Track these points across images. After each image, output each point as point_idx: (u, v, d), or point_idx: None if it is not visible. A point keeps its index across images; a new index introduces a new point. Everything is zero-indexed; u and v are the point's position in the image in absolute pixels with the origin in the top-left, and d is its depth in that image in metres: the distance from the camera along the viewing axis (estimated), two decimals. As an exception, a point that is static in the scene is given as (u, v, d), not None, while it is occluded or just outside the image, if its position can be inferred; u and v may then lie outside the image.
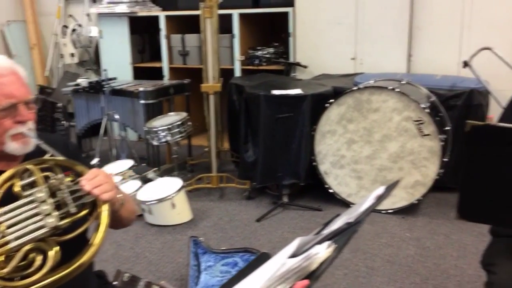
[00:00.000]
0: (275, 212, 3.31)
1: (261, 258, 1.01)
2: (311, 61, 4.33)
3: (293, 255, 0.81)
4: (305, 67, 4.31)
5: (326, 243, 0.81)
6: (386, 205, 3.26)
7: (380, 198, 1.08)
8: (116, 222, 1.32)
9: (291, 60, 4.41)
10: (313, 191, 3.52)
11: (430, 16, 3.88)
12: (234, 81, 4.00)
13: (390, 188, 1.08)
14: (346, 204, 3.35)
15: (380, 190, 1.09)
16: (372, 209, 1.03)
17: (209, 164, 3.71)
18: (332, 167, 3.38)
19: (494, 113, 3.40)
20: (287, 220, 3.20)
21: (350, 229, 0.91)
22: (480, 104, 3.39)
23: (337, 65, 4.24)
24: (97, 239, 1.13)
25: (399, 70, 4.04)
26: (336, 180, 3.39)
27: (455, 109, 3.39)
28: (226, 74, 4.34)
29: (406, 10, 3.91)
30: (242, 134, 3.57)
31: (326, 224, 1.21)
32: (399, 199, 3.23)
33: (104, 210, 1.15)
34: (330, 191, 3.39)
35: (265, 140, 3.39)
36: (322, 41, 4.27)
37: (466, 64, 3.30)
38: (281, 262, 0.79)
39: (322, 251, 0.77)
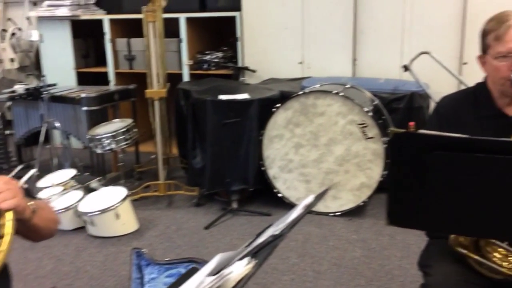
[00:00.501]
0: (224, 218, 3.27)
1: (189, 273, 0.97)
2: (259, 66, 4.33)
3: (213, 272, 0.78)
4: (253, 71, 4.30)
5: (246, 259, 0.78)
6: (333, 207, 3.30)
7: (308, 207, 1.07)
8: (32, 232, 1.23)
9: (240, 64, 4.39)
10: (263, 196, 3.51)
11: (373, 21, 3.96)
12: (181, 86, 3.94)
13: (320, 196, 1.07)
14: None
15: (309, 199, 1.08)
16: (300, 219, 1.01)
17: (157, 171, 3.63)
18: (280, 172, 3.38)
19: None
20: (236, 227, 3.17)
21: (273, 242, 0.88)
22: (421, 107, 3.49)
23: (285, 69, 4.27)
24: (0, 252, 1.05)
25: (345, 74, 4.11)
26: (285, 184, 3.40)
27: (397, 112, 3.48)
28: (174, 79, 4.27)
29: (349, 15, 3.98)
30: (190, 140, 3.52)
31: (258, 234, 1.19)
32: (346, 201, 3.28)
33: (8, 220, 1.07)
34: (279, 195, 3.39)
35: (213, 146, 3.35)
36: (270, 45, 4.28)
37: (406, 68, 3.41)
38: (199, 279, 0.76)
39: (238, 269, 0.74)
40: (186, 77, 4.50)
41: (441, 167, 0.99)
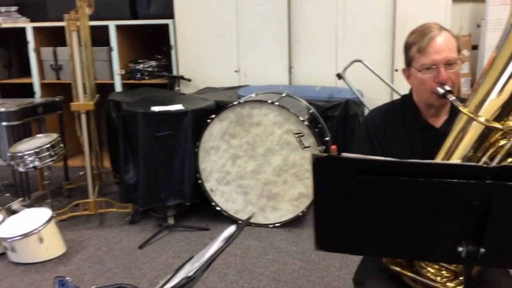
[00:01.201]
0: (160, 235, 3.13)
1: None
2: (195, 74, 4.22)
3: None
4: (189, 80, 4.19)
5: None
6: (272, 219, 3.24)
7: (229, 239, 0.98)
8: None
9: (175, 73, 4.26)
10: (200, 210, 3.40)
11: (307, 29, 3.97)
12: (112, 97, 3.76)
13: (242, 226, 0.99)
14: (234, 221, 3.27)
15: (230, 229, 0.99)
16: (219, 253, 0.92)
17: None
18: (218, 184, 3.28)
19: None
20: (172, 244, 3.04)
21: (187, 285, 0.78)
22: (356, 114, 3.51)
23: (221, 78, 4.18)
24: None
25: (281, 82, 4.08)
26: (223, 197, 3.30)
27: (333, 119, 3.48)
28: (105, 89, 4.08)
29: (284, 23, 3.96)
30: (122, 154, 3.34)
31: (178, 269, 1.09)
32: (285, 212, 3.23)
33: None
34: (217, 208, 3.29)
35: (146, 160, 3.20)
36: (205, 53, 4.18)
37: (340, 77, 3.42)
38: None
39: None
40: (118, 87, 4.31)
41: (365, 191, 0.94)
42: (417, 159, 1.55)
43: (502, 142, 1.35)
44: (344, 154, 0.96)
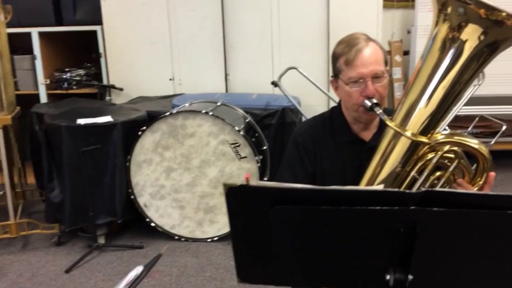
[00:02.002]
0: (90, 257, 2.93)
1: None
2: (127, 83, 4.03)
3: None
4: (120, 89, 3.99)
5: None
6: (210, 232, 3.13)
7: (137, 280, 0.86)
8: None
9: (105, 82, 4.05)
10: (134, 227, 3.23)
11: (242, 35, 3.89)
12: (35, 109, 3.50)
13: (149, 266, 0.87)
14: (170, 237, 3.13)
15: (137, 270, 0.87)
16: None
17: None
18: (152, 199, 3.13)
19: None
20: (103, 266, 2.85)
21: None
22: (293, 122, 3.46)
23: (155, 86, 4.02)
24: None
25: (218, 90, 3.98)
26: (158, 212, 3.15)
27: (270, 128, 3.42)
28: (29, 100, 3.80)
29: (219, 29, 3.87)
30: (46, 171, 3.10)
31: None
32: (223, 225, 3.12)
33: None
34: (152, 224, 3.14)
35: (72, 177, 2.99)
36: (137, 61, 4.01)
37: (275, 84, 3.36)
38: None
39: None
40: (43, 98, 4.04)
41: (284, 221, 0.85)
42: (347, 174, 1.52)
43: (430, 156, 1.32)
44: (260, 183, 0.87)
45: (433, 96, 1.24)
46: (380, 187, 0.97)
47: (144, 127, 3.02)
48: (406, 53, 4.19)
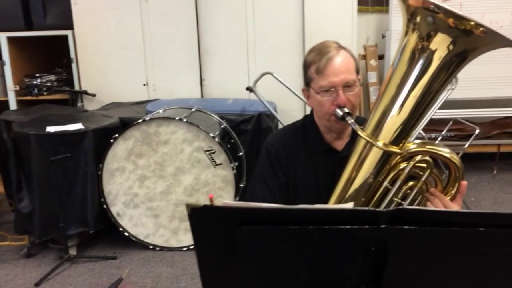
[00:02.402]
0: (61, 269, 2.84)
1: None
2: (99, 89, 3.94)
3: None
4: (93, 95, 3.90)
5: None
6: (186, 241, 3.07)
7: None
8: None
9: (77, 88, 3.96)
10: (107, 237, 3.15)
11: (217, 40, 3.85)
12: (4, 116, 3.39)
13: None
14: (144, 246, 3.06)
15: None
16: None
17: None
18: (125, 208, 3.05)
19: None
20: (74, 278, 2.76)
21: None
22: (269, 127, 3.43)
23: (129, 92, 3.95)
24: None
25: (193, 95, 3.93)
26: (131, 221, 3.08)
27: (246, 133, 3.38)
28: (-3, 107, 3.69)
29: (193, 33, 3.82)
30: (14, 181, 3.00)
31: None
32: (199, 233, 3.07)
33: None
34: (126, 234, 3.06)
35: (41, 187, 2.89)
36: (109, 66, 3.93)
37: (250, 90, 3.33)
38: None
39: None
40: (13, 105, 3.93)
41: (251, 242, 0.82)
42: (320, 184, 1.50)
43: (402, 165, 1.30)
44: (226, 202, 0.83)
45: (404, 105, 1.23)
46: (350, 205, 0.94)
47: (116, 135, 2.95)
48: (381, 57, 4.21)
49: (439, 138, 3.82)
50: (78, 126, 3.01)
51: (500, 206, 3.59)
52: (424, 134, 3.56)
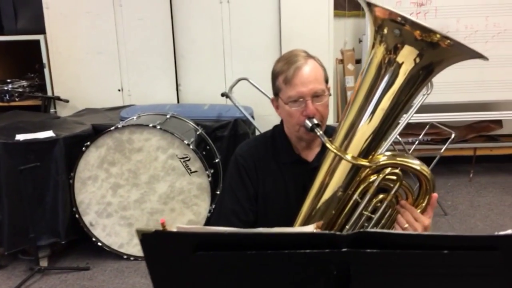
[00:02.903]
0: (31, 281, 2.76)
1: None
2: (73, 94, 3.85)
3: None
4: (66, 101, 3.81)
5: None
6: (161, 250, 3.01)
7: None
8: None
9: (50, 94, 3.86)
10: (79, 247, 3.07)
11: (193, 45, 3.80)
12: (-29, 124, 3.28)
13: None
14: (118, 256, 2.99)
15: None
16: None
17: None
18: (98, 217, 2.98)
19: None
20: (45, 290, 2.68)
21: None
22: (246, 133, 3.40)
23: (103, 98, 3.87)
24: None
25: (169, 100, 3.87)
26: (105, 231, 3.00)
27: (222, 140, 3.34)
28: (-34, 114, 3.57)
29: (168, 38, 3.76)
30: (-18, 191, 2.91)
31: None
32: (174, 242, 3.01)
33: None
34: (99, 244, 2.99)
35: (10, 197, 2.81)
36: (83, 71, 3.85)
37: (227, 96, 3.29)
38: None
39: None
40: (-18, 111, 3.80)
41: (207, 268, 0.78)
42: (290, 196, 1.46)
43: (373, 178, 1.28)
44: (179, 226, 0.79)
45: (373, 117, 1.20)
46: (311, 228, 0.91)
47: (88, 142, 2.87)
48: (358, 61, 4.22)
49: (416, 142, 3.83)
50: (48, 133, 2.93)
51: (477, 209, 3.61)
52: (400, 138, 3.57)
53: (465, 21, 3.84)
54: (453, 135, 3.61)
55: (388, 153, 1.26)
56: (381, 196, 1.28)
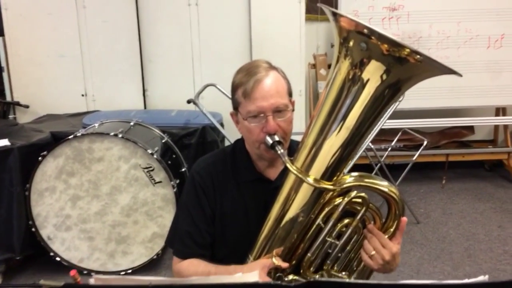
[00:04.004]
0: (-18, 301, 2.57)
1: None
2: (34, 99, 3.67)
3: None
4: (26, 106, 3.63)
5: None
6: (124, 265, 2.87)
7: None
8: None
9: (8, 99, 3.67)
10: (37, 262, 2.90)
11: (160, 49, 3.67)
12: None
13: None
14: (79, 271, 2.82)
15: None
16: None
17: None
18: (56, 231, 2.81)
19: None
20: (-3, 311, 2.51)
21: None
22: (214, 141, 3.29)
23: (66, 103, 3.70)
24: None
25: (136, 106, 3.73)
26: (64, 245, 2.84)
27: (190, 147, 3.22)
28: None
29: (134, 41, 3.62)
30: None
31: None
32: (138, 256, 2.87)
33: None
34: (58, 259, 2.82)
35: (-41, 211, 2.62)
36: (44, 75, 3.67)
37: (193, 102, 3.17)
38: None
39: None
40: None
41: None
42: (250, 217, 1.34)
43: (338, 201, 1.18)
44: (97, 277, 0.67)
45: (338, 136, 1.10)
46: (255, 275, 0.80)
47: (45, 152, 2.71)
48: (331, 66, 4.14)
49: (389, 149, 3.78)
50: (3, 142, 2.75)
51: (449, 217, 3.58)
52: (372, 145, 3.51)
53: (437, 27, 3.82)
54: (425, 142, 3.56)
55: (355, 173, 1.17)
56: (346, 220, 1.18)
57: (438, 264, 2.92)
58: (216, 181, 1.36)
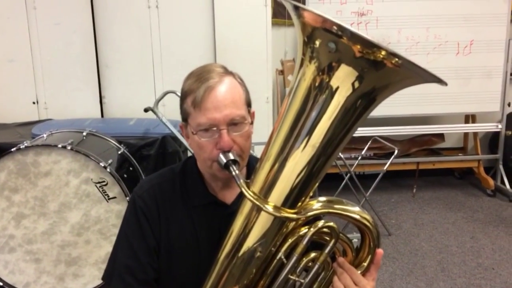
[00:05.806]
0: None
1: None
2: (-21, 107, 3.38)
3: None
4: (-30, 115, 3.33)
5: None
6: (75, 288, 2.62)
7: None
8: None
9: (-50, 106, 3.37)
10: (-25, 288, 2.61)
11: (118, 53, 3.44)
12: None
13: None
14: (24, 297, 2.57)
15: None
16: None
17: None
18: (-1, 253, 2.55)
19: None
20: None
21: None
22: (176, 151, 3.08)
23: (16, 111, 3.44)
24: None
25: (92, 115, 3.48)
26: (7, 268, 2.57)
27: (149, 159, 3.00)
28: None
29: (90, 45, 3.38)
30: None
31: None
32: (90, 278, 2.63)
33: None
34: (0, 284, 2.55)
35: None
36: (-9, 81, 3.38)
37: (152, 110, 2.96)
38: None
39: None
40: None
41: None
42: (201, 247, 1.11)
43: (303, 231, 1.00)
44: None
45: (302, 156, 0.92)
46: None
47: (-15, 166, 2.44)
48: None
49: (359, 158, 3.65)
50: None
51: (421, 228, 3.47)
52: (342, 154, 3.37)
53: (406, 32, 3.73)
54: (396, 151, 3.45)
55: (323, 198, 0.99)
56: (313, 254, 1.00)
57: (411, 279, 2.79)
58: (161, 206, 1.16)
